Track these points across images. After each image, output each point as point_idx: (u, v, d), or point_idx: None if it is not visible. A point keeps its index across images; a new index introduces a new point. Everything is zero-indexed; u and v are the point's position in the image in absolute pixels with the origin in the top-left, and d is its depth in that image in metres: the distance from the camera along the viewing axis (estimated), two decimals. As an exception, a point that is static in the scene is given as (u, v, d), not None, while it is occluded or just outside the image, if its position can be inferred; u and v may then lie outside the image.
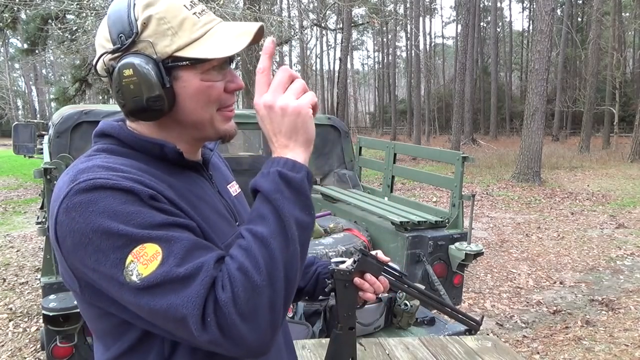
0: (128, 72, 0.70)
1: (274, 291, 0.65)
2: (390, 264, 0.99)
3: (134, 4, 0.72)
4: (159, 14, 0.72)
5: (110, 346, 0.75)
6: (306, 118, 0.71)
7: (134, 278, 0.62)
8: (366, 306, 1.58)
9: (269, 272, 0.65)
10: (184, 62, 0.72)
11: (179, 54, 0.72)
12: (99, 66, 0.75)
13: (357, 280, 0.94)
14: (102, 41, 0.74)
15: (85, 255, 0.65)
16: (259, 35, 0.75)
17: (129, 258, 0.63)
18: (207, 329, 0.62)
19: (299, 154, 0.71)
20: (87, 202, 0.64)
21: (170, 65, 0.72)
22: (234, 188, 0.96)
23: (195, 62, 0.72)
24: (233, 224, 0.85)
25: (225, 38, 0.73)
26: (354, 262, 0.96)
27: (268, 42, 0.72)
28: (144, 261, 0.62)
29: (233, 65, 0.82)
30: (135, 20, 0.71)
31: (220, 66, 0.76)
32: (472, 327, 1.03)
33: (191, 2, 0.75)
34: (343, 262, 1.02)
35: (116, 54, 0.72)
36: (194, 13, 0.74)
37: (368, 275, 0.94)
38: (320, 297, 1.06)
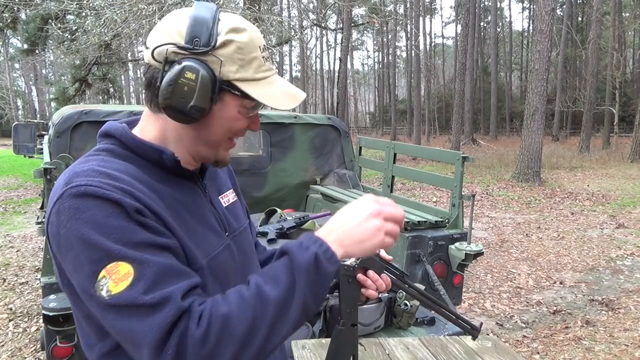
0: (191, 75, 0.73)
1: (244, 351, 0.67)
2: (392, 263, 0.99)
3: (219, 20, 0.76)
4: (240, 43, 0.76)
5: (93, 346, 0.78)
6: (375, 243, 0.77)
7: (103, 293, 0.65)
8: (366, 306, 1.58)
9: (252, 331, 0.67)
10: (236, 92, 0.77)
11: (237, 83, 0.77)
12: (159, 51, 0.75)
13: (360, 276, 0.95)
14: (173, 32, 0.76)
15: (66, 259, 0.69)
16: (299, 103, 0.83)
17: (102, 273, 0.65)
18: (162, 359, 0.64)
19: (340, 251, 0.75)
20: (75, 209, 0.67)
21: (223, 88, 0.77)
22: (226, 198, 0.98)
23: (244, 97, 0.78)
24: (222, 235, 0.88)
25: (277, 92, 0.80)
26: (358, 258, 0.96)
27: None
28: (116, 279, 0.64)
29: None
30: (217, 35, 0.75)
31: (255, 107, 0.82)
32: (471, 333, 1.03)
33: (265, 45, 0.80)
34: (345, 260, 1.03)
35: (183, 52, 0.74)
36: (263, 57, 0.79)
37: (371, 272, 0.95)
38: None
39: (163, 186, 0.79)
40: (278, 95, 0.80)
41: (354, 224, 0.76)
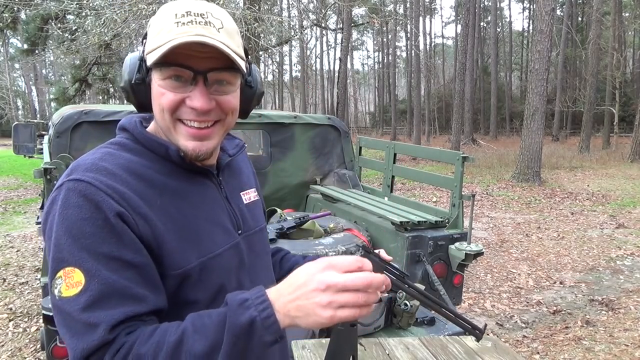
0: (125, 61, 0.82)
1: None
2: (391, 263, 1.00)
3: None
4: (154, 20, 0.79)
5: None
6: (322, 321, 0.64)
7: (55, 292, 0.68)
8: None
9: None
10: (149, 65, 0.77)
11: (147, 56, 0.78)
12: None
13: None
14: None
15: (45, 246, 0.74)
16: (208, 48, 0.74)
17: (60, 273, 0.68)
18: None
19: (286, 321, 0.65)
20: (63, 202, 0.71)
21: (146, 66, 0.79)
22: (249, 196, 0.97)
23: (157, 67, 0.76)
24: (232, 233, 0.87)
25: (172, 43, 0.73)
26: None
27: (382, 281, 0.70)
28: (69, 283, 0.67)
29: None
30: (149, 24, 0.81)
31: (178, 78, 0.76)
32: (475, 335, 1.02)
33: (186, 13, 0.75)
34: None
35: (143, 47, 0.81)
36: (177, 22, 0.74)
37: None
38: None
39: (170, 181, 0.80)
40: (171, 41, 0.73)
41: (303, 293, 0.64)
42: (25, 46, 14.39)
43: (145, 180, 0.77)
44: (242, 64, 0.79)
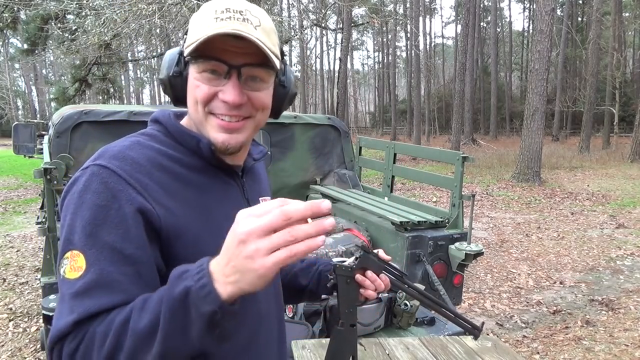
0: (165, 56, 0.85)
1: None
2: (391, 263, 0.99)
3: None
4: (194, 17, 0.81)
5: None
6: (257, 273, 0.58)
7: (61, 271, 0.70)
8: (366, 306, 1.56)
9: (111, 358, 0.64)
10: (187, 58, 0.80)
11: (186, 50, 0.79)
12: None
13: (358, 277, 0.94)
14: None
15: (62, 219, 0.74)
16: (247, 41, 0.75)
17: (67, 254, 0.70)
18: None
19: (227, 289, 0.59)
20: (85, 185, 0.72)
21: (184, 60, 0.81)
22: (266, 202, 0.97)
23: (194, 60, 0.78)
24: None
25: (208, 35, 0.75)
26: (356, 259, 0.97)
27: (329, 222, 0.60)
28: (73, 266, 0.69)
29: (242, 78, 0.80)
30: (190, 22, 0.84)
31: (213, 71, 0.78)
32: (473, 333, 1.02)
33: (225, 9, 0.77)
34: (344, 261, 1.02)
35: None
36: (217, 18, 0.76)
37: (369, 273, 0.95)
38: (323, 296, 1.07)
39: (198, 175, 0.82)
40: (202, 35, 0.75)
41: (230, 254, 0.59)
42: (25, 46, 14.38)
43: (170, 173, 0.79)
44: (277, 62, 0.80)
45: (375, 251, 0.99)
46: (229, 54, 0.76)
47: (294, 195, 3.42)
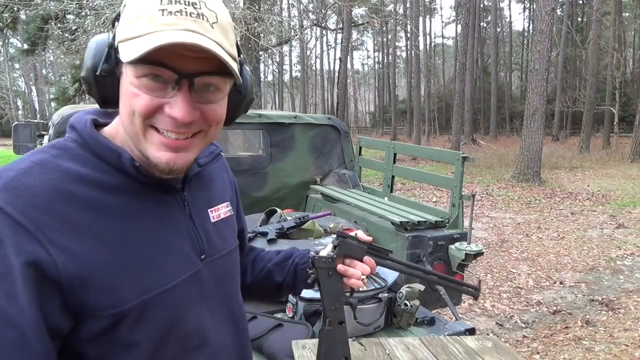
0: (89, 45, 0.67)
1: None
2: (372, 244, 0.91)
3: None
4: (129, 1, 0.65)
5: None
6: None
7: None
8: (366, 306, 1.52)
9: None
10: (120, 57, 0.64)
11: (120, 45, 0.64)
12: None
13: (340, 267, 0.85)
14: None
15: None
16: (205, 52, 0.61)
17: None
18: None
19: None
20: None
21: (115, 56, 0.65)
22: (217, 213, 0.83)
23: (132, 61, 0.62)
24: (192, 260, 0.74)
25: (153, 41, 0.60)
26: (334, 247, 0.86)
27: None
28: None
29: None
30: (124, 4, 0.67)
31: (157, 78, 0.63)
32: (472, 295, 0.93)
33: (175, 1, 0.62)
34: (322, 247, 0.94)
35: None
36: (162, 10, 0.61)
37: (349, 260, 0.86)
38: (308, 294, 1.01)
39: (120, 197, 0.67)
40: (149, 43, 0.59)
41: None
42: (25, 46, 14.39)
43: (79, 202, 0.63)
44: (235, 67, 0.66)
45: (352, 233, 0.89)
46: (179, 59, 0.62)
47: (293, 195, 3.43)
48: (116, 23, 0.67)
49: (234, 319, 0.84)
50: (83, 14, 8.54)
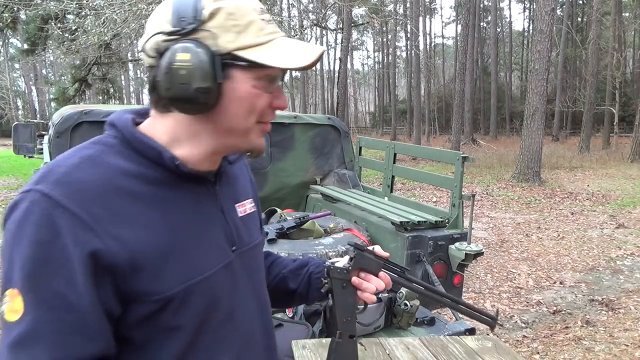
0: (184, 56, 0.66)
1: None
2: (389, 260, 0.91)
3: None
4: (230, 9, 0.69)
5: None
6: None
7: (2, 308, 0.63)
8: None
9: None
10: (241, 62, 0.69)
11: (239, 53, 0.69)
12: (149, 45, 0.70)
13: (355, 279, 0.85)
14: (160, 22, 0.70)
15: (2, 247, 0.65)
16: (319, 59, 0.73)
17: (7, 292, 0.62)
18: None
19: None
20: (24, 217, 0.63)
21: (226, 62, 0.69)
22: (243, 208, 0.88)
23: (252, 66, 0.69)
24: (226, 251, 0.79)
25: (288, 51, 0.70)
26: (351, 259, 0.86)
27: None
28: (10, 307, 0.62)
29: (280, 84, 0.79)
30: (202, 8, 0.68)
31: (272, 78, 0.73)
32: (489, 324, 0.89)
33: (261, 9, 0.72)
34: (338, 260, 0.94)
35: (173, 37, 0.68)
36: (262, 19, 0.71)
37: (365, 274, 0.86)
38: (317, 301, 0.99)
39: (161, 190, 0.72)
40: (289, 55, 0.70)
41: None
42: (25, 46, 14.40)
43: (128, 195, 0.68)
44: None
45: (370, 248, 0.89)
46: None
47: (293, 195, 3.43)
48: (203, 29, 0.68)
49: (262, 309, 0.88)
50: (83, 14, 8.53)
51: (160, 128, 0.74)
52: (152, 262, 0.68)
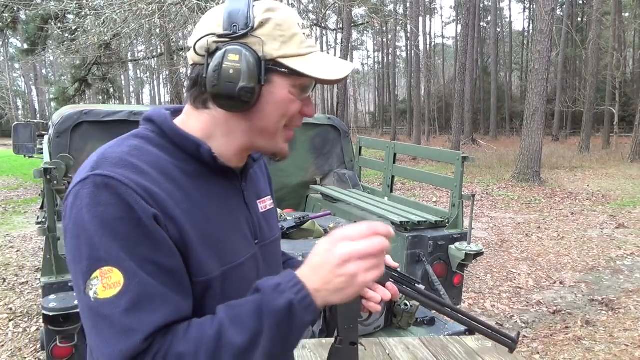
0: (234, 57, 0.72)
1: None
2: (398, 270, 0.88)
3: (254, 5, 0.76)
4: (278, 20, 0.75)
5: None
6: (354, 290, 0.69)
7: (91, 294, 0.64)
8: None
9: None
10: (283, 69, 0.75)
11: (282, 60, 0.75)
12: (200, 44, 0.76)
13: None
14: (211, 24, 0.76)
15: (70, 245, 0.68)
16: (350, 73, 0.80)
17: (96, 273, 0.64)
18: None
19: (319, 301, 0.68)
20: (92, 199, 0.66)
21: (270, 68, 0.75)
22: (264, 204, 0.93)
23: (292, 73, 0.75)
24: (251, 242, 0.84)
25: (325, 64, 0.77)
26: None
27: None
28: (106, 284, 0.64)
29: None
30: (253, 17, 0.74)
31: (305, 88, 0.79)
32: (508, 346, 0.85)
33: (303, 24, 0.78)
34: None
35: (223, 39, 0.74)
36: (304, 33, 0.77)
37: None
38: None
39: (196, 182, 0.77)
40: (326, 67, 0.77)
41: (327, 271, 0.67)
42: (25, 46, 14.41)
43: (173, 181, 0.73)
44: None
45: None
46: None
47: (293, 195, 3.43)
48: (254, 35, 0.74)
49: None
50: (83, 14, 8.53)
51: (195, 124, 0.79)
52: (196, 245, 0.72)
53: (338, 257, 0.67)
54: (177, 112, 0.83)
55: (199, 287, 0.73)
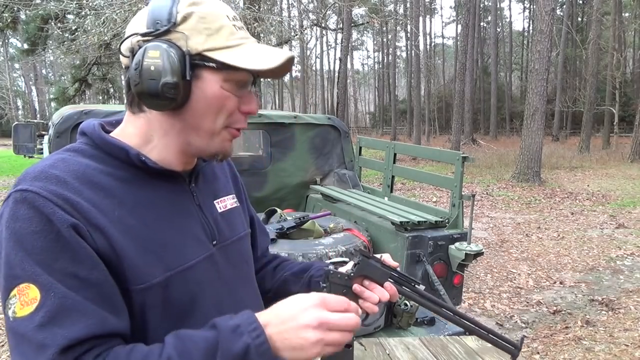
0: (154, 53, 0.70)
1: None
2: (397, 270, 0.85)
3: (179, 1, 0.74)
4: (202, 13, 0.73)
5: None
6: (310, 355, 0.67)
7: (10, 313, 0.62)
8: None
9: None
10: (210, 63, 0.72)
11: (209, 54, 0.72)
12: (125, 46, 0.75)
13: (356, 287, 0.81)
14: (136, 24, 0.76)
15: None
16: (289, 65, 0.75)
17: (14, 291, 0.63)
18: None
19: (274, 349, 0.66)
20: (11, 216, 0.65)
21: (196, 62, 0.72)
22: (223, 204, 0.91)
23: (221, 67, 0.72)
24: (206, 244, 0.82)
25: (256, 54, 0.74)
26: (355, 265, 0.83)
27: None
28: (23, 301, 0.62)
29: (253, 89, 0.80)
30: (177, 12, 0.73)
31: (242, 83, 0.76)
32: (510, 352, 0.82)
33: (233, 16, 0.76)
34: (342, 262, 0.91)
35: (147, 37, 0.73)
36: (234, 25, 0.75)
37: (369, 282, 0.81)
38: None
39: (131, 188, 0.74)
40: (257, 57, 0.73)
41: (291, 327, 0.66)
42: (25, 46, 14.41)
43: (101, 189, 0.71)
44: None
45: (378, 256, 0.85)
46: None
47: (293, 195, 3.43)
48: (179, 28, 0.72)
49: (251, 299, 0.91)
50: (83, 14, 8.54)
51: (132, 130, 0.78)
52: (130, 253, 0.70)
53: (308, 320, 0.66)
54: (116, 124, 0.82)
55: (139, 295, 0.71)
